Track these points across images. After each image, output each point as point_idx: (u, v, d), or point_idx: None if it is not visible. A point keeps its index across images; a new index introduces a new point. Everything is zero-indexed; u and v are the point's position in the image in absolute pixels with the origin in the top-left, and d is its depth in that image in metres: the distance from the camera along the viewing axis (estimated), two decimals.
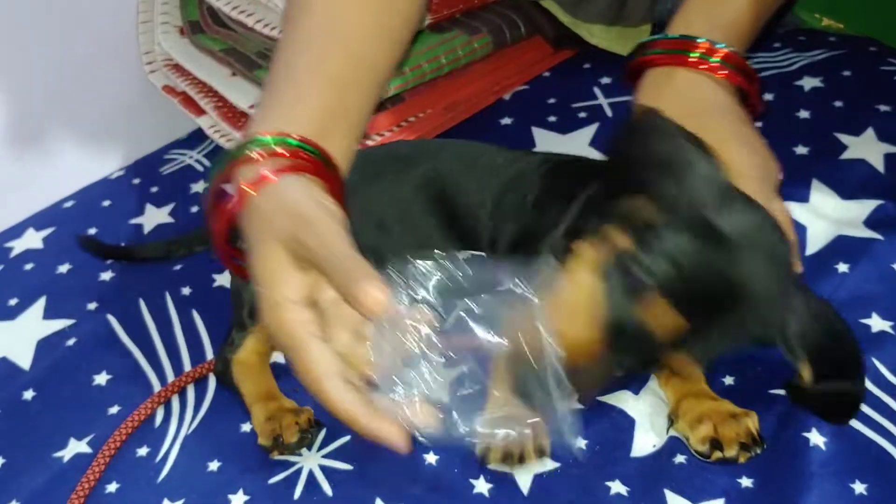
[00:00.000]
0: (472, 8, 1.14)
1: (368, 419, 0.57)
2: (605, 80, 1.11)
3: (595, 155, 1.00)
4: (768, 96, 1.03)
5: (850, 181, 0.90)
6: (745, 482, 0.69)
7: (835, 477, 0.68)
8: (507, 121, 1.09)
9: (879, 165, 0.92)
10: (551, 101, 1.10)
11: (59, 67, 1.12)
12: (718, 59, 0.76)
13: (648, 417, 0.74)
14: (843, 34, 1.12)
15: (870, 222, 0.86)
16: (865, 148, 0.94)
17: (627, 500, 0.69)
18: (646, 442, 0.73)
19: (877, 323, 0.77)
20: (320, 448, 0.77)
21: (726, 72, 0.76)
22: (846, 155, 0.93)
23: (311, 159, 0.67)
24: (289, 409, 0.77)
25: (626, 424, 0.74)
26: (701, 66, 0.76)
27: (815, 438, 0.70)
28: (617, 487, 0.70)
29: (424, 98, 1.09)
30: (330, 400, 0.58)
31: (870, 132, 0.96)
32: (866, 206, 0.87)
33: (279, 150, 0.66)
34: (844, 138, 0.95)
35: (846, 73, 1.04)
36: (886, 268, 0.82)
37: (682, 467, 0.70)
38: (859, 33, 1.10)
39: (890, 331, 0.77)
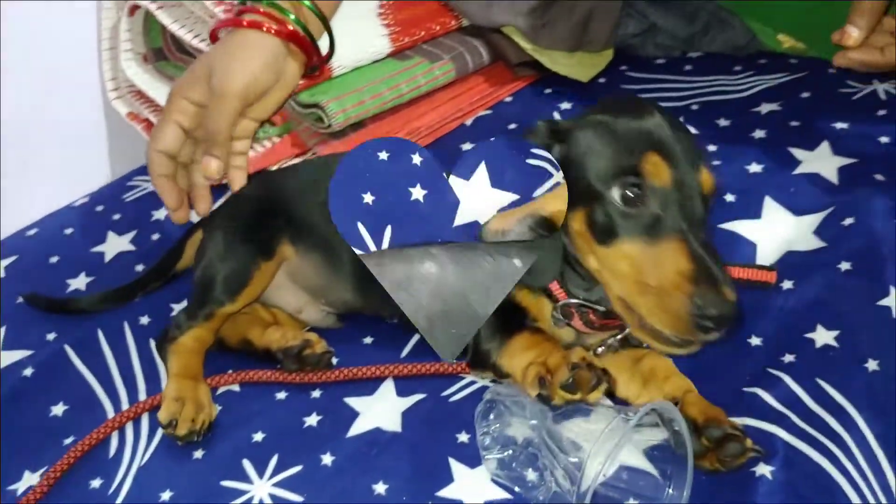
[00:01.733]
0: (435, 35, 1.14)
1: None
2: (565, 105, 1.11)
3: None
4: (725, 122, 1.03)
5: (803, 196, 0.90)
6: None
7: None
8: (468, 146, 1.09)
9: (833, 177, 0.92)
10: (512, 126, 1.11)
11: (22, 95, 1.12)
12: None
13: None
14: (804, 56, 1.13)
15: (819, 231, 0.87)
16: (819, 162, 0.94)
17: None
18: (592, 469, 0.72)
19: (821, 336, 0.78)
20: (271, 477, 0.77)
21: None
22: (799, 170, 0.93)
23: (287, 23, 0.96)
24: (194, 400, 0.83)
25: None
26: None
27: (762, 469, 0.70)
28: None
29: (386, 124, 1.10)
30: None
31: (824, 146, 0.96)
32: (817, 218, 0.88)
33: (265, 8, 0.96)
34: (798, 153, 0.95)
35: (805, 94, 1.05)
36: (831, 274, 0.82)
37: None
38: (821, 55, 1.11)
39: (834, 343, 0.77)
